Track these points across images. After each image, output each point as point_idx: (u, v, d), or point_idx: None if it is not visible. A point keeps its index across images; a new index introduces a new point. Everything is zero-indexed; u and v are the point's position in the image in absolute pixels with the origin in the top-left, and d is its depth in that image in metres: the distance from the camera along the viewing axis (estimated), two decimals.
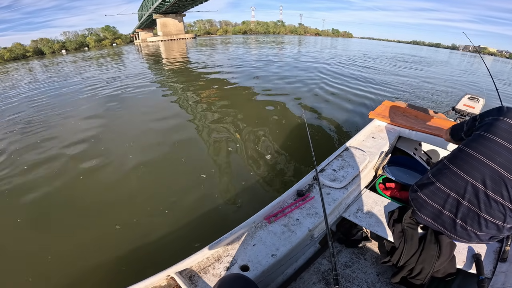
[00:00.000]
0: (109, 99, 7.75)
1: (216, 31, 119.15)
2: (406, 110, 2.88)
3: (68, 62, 26.81)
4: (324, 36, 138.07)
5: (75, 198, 3.08)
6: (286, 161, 3.60)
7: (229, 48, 27.92)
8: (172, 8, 64.14)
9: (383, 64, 16.34)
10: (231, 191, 2.98)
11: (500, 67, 30.96)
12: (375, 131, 2.45)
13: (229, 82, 9.26)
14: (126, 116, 6.08)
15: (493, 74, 3.25)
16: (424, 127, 2.39)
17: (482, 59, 3.67)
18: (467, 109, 3.26)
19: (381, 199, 1.65)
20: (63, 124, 5.92)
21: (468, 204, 1.10)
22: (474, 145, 1.13)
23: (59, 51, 74.28)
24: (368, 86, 8.47)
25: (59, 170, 3.75)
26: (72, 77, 13.27)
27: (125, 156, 4.01)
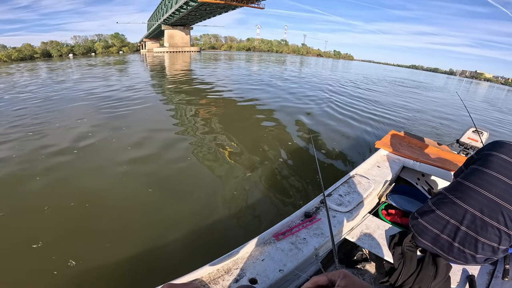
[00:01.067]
0: (106, 109, 7.48)
1: (221, 46, 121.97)
2: (411, 141, 2.97)
3: (73, 66, 27.21)
4: (326, 57, 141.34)
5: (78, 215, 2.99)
6: (293, 184, 3.75)
7: (232, 64, 28.40)
8: (181, 20, 66.19)
9: (385, 89, 16.87)
10: (241, 210, 3.11)
11: (495, 94, 32.20)
12: (380, 160, 2.53)
13: (233, 99, 9.34)
14: (124, 129, 5.83)
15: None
16: (427, 158, 2.48)
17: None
18: (471, 142, 3.29)
19: (383, 224, 1.73)
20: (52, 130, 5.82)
21: (466, 229, 1.19)
22: (472, 178, 1.24)
23: (66, 54, 75.29)
24: (373, 112, 8.73)
25: (49, 179, 3.71)
26: (71, 83, 13.11)
27: (123, 168, 4.01)
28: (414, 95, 15.32)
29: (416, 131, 6.77)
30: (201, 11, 54.84)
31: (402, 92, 16.11)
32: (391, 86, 19.85)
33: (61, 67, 25.09)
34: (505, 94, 36.07)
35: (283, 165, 4.28)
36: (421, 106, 11.28)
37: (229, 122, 6.49)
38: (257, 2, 47.76)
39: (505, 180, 1.14)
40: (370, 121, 7.36)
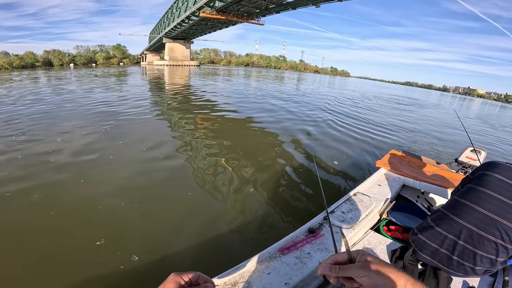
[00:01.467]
0: (103, 122, 7.54)
1: (220, 61, 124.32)
2: (411, 160, 3.07)
3: (70, 76, 27.38)
4: (323, 73, 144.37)
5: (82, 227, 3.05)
6: (297, 201, 3.87)
7: (232, 80, 28.87)
8: (182, 34, 67.85)
9: (383, 107, 17.22)
10: (246, 225, 3.21)
11: (488, 110, 33.00)
12: (381, 179, 2.60)
13: (233, 117, 9.45)
14: (121, 144, 5.88)
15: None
16: (427, 177, 2.58)
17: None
18: (469, 161, 3.36)
19: (385, 240, 1.79)
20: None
21: (464, 243, 1.25)
22: (468, 196, 1.31)
23: (67, 64, 76.32)
24: (372, 130, 8.90)
25: (44, 191, 3.77)
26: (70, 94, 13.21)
27: (124, 184, 4.09)
28: (410, 113, 15.65)
29: (415, 150, 7.01)
30: (202, 26, 56.53)
31: (399, 110, 16.46)
32: (388, 104, 20.25)
33: (59, 77, 25.29)
34: (498, 110, 37.21)
35: (287, 183, 4.41)
36: (419, 125, 11.45)
37: (230, 139, 6.50)
38: (257, 18, 49.37)
39: (499, 197, 1.22)
40: (369, 140, 7.58)
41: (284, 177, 4.64)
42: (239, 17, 47.83)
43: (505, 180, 1.25)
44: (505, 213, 1.18)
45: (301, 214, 3.48)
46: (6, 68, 60.03)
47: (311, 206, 3.71)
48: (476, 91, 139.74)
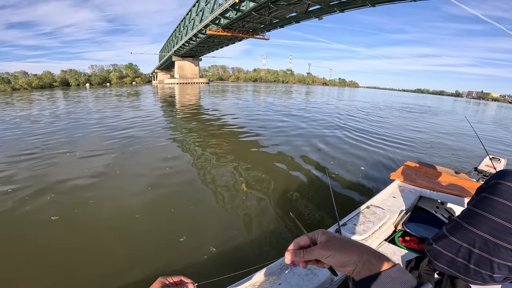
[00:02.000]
0: (118, 142, 7.77)
1: (228, 77, 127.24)
2: (428, 171, 2.99)
3: (89, 96, 28.74)
4: (331, 85, 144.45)
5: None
6: (308, 212, 3.92)
7: (241, 96, 29.21)
8: (191, 52, 70.31)
9: (395, 116, 17.09)
10: (257, 236, 3.28)
11: (504, 114, 32.01)
12: (396, 191, 2.56)
13: (245, 131, 9.65)
14: (136, 160, 6.14)
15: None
16: (445, 187, 2.51)
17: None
18: (489, 169, 3.32)
19: (400, 250, 1.76)
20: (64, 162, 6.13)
21: (479, 251, 1.24)
22: (481, 205, 1.31)
23: (83, 84, 79.86)
24: (385, 141, 8.81)
25: (60, 206, 4.03)
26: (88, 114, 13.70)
27: (138, 198, 4.28)
28: (424, 122, 15.30)
29: (431, 160, 6.82)
30: (209, 43, 58.61)
31: (412, 119, 16.16)
32: (400, 113, 20.25)
33: (79, 99, 26.34)
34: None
35: (298, 195, 4.47)
36: (434, 134, 11.16)
37: (242, 154, 6.81)
38: (262, 33, 50.91)
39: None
40: (382, 151, 7.53)
41: (296, 189, 4.70)
42: (245, 33, 49.36)
43: None
44: None
45: (313, 227, 3.47)
46: (26, 88, 62.99)
47: (324, 218, 3.75)
48: (490, 95, 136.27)
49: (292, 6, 31.74)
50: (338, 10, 29.14)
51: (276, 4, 30.94)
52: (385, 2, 23.67)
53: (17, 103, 23.33)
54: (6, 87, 61.75)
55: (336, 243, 0.56)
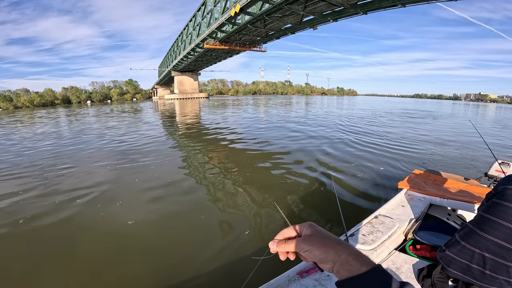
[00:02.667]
0: (121, 158, 7.83)
1: (228, 91, 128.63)
2: (437, 178, 2.95)
3: (91, 113, 29.32)
4: (330, 95, 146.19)
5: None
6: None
7: (241, 110, 29.43)
8: (189, 66, 71.20)
9: (397, 123, 17.09)
10: (263, 249, 3.58)
11: (503, 114, 32.30)
12: (404, 200, 2.52)
13: (248, 143, 9.70)
14: (139, 177, 6.11)
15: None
16: (456, 194, 2.48)
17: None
18: (499, 174, 3.30)
19: (411, 259, 1.73)
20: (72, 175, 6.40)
21: (494, 257, 1.24)
22: (492, 211, 1.32)
23: (85, 101, 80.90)
24: (389, 149, 8.73)
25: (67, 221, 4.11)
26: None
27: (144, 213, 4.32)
28: (427, 127, 15.25)
29: (439, 167, 6.56)
30: (207, 57, 59.58)
31: (414, 125, 16.18)
32: (401, 119, 20.46)
33: (83, 114, 27.22)
34: None
35: (305, 206, 4.47)
36: (438, 139, 11.25)
37: (246, 165, 6.89)
38: (259, 45, 51.79)
39: None
40: (388, 160, 7.44)
41: (302, 200, 4.70)
42: (242, 45, 50.25)
43: None
44: None
45: None
46: (28, 106, 63.61)
47: (331, 229, 3.69)
48: (488, 96, 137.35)
49: (286, 18, 32.43)
50: (331, 20, 29.70)
51: (270, 16, 31.60)
52: (376, 9, 24.12)
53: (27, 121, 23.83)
54: (9, 105, 62.51)
55: (316, 238, 0.54)
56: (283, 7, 27.32)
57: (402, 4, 21.91)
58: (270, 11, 29.34)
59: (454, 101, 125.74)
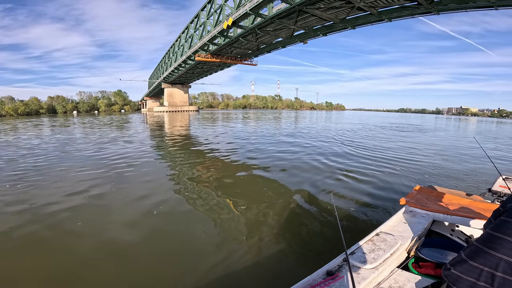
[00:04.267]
0: (107, 171, 7.38)
1: (218, 104, 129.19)
2: (439, 194, 2.93)
3: (79, 125, 27.93)
4: (319, 109, 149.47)
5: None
6: (314, 242, 3.83)
7: (231, 124, 29.16)
8: (180, 79, 71.27)
9: (389, 137, 17.35)
10: (259, 269, 3.16)
11: (485, 127, 33.97)
12: (406, 216, 2.49)
13: (240, 160, 9.29)
14: (125, 191, 5.80)
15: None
16: (459, 210, 2.46)
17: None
18: (503, 190, 3.28)
19: (414, 277, 1.70)
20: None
21: (503, 274, 1.24)
22: (502, 229, 1.33)
23: (71, 111, 79.05)
24: (386, 165, 8.57)
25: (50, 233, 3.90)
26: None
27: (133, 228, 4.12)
28: (419, 141, 15.50)
29: (439, 183, 6.54)
30: (198, 69, 60.00)
31: (406, 138, 16.58)
32: (392, 132, 20.68)
33: (66, 127, 26.26)
34: (495, 126, 38.32)
35: (303, 224, 4.38)
36: (432, 153, 11.22)
37: (240, 184, 6.60)
38: (250, 59, 52.68)
39: None
40: (387, 176, 7.26)
41: (300, 218, 4.59)
42: (233, 59, 50.97)
43: None
44: None
45: (319, 256, 3.38)
46: (11, 115, 61.68)
47: (330, 247, 3.61)
48: (469, 110, 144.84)
49: (278, 32, 33.26)
50: (321, 34, 30.63)
51: (262, 30, 32.35)
52: (364, 23, 25.10)
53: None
54: None
55: None
56: (275, 21, 28.04)
57: (388, 18, 22.88)
58: (262, 25, 30.04)
59: (436, 115, 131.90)
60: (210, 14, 37.81)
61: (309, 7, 23.66)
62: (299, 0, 22.30)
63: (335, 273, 1.62)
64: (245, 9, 27.35)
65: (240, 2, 29.33)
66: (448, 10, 19.74)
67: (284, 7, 24.57)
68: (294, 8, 23.96)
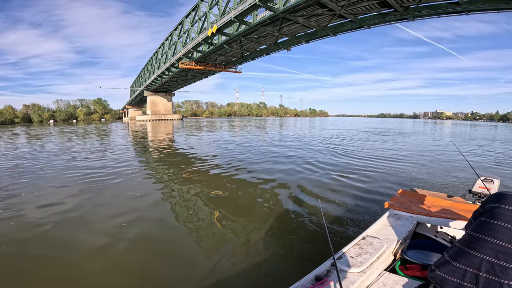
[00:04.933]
0: (85, 182, 7.01)
1: (202, 112, 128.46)
2: (422, 197, 3.02)
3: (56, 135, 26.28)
4: (303, 116, 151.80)
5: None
6: (301, 248, 3.81)
7: (216, 133, 28.59)
8: (163, 86, 70.46)
9: (372, 142, 17.64)
10: (247, 276, 3.13)
11: (460, 130, 35.58)
12: (391, 220, 2.54)
13: (226, 169, 9.04)
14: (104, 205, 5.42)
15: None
16: (442, 212, 2.54)
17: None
18: (483, 191, 3.40)
19: (401, 279, 1.73)
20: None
21: (487, 275, 1.27)
22: (482, 230, 1.37)
23: (47, 120, 75.87)
24: (371, 169, 8.69)
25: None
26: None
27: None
28: (400, 145, 16.02)
29: (422, 186, 6.43)
30: (182, 77, 59.65)
31: (388, 142, 17.01)
32: (376, 136, 21.18)
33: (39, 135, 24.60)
34: (469, 128, 40.32)
35: (290, 230, 4.38)
36: (416, 157, 11.42)
37: (225, 188, 6.59)
38: (235, 66, 53.04)
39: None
40: (371, 180, 7.33)
41: (287, 224, 4.57)
42: (217, 66, 51.19)
43: None
44: None
45: (307, 261, 3.37)
46: None
47: (318, 252, 3.62)
48: (444, 114, 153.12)
49: (262, 39, 33.89)
50: (304, 41, 31.51)
51: (247, 37, 32.85)
52: (345, 30, 26.12)
53: None
54: None
55: None
56: (259, 28, 28.61)
57: (368, 25, 23.93)
58: (247, 32, 30.53)
59: (414, 119, 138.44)
60: (195, 21, 37.99)
61: (292, 15, 24.35)
62: (282, 8, 22.92)
63: (323, 278, 1.64)
64: (230, 17, 27.78)
65: (225, 9, 29.77)
66: (422, 16, 20.96)
67: (268, 15, 25.19)
68: (278, 16, 24.60)
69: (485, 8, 17.84)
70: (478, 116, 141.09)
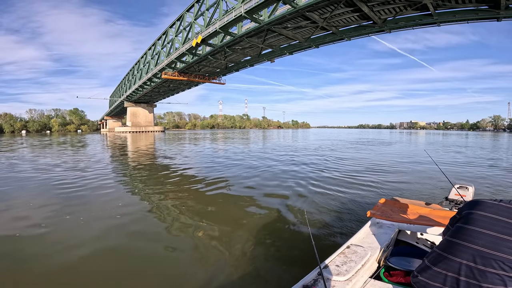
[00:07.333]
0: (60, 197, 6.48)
1: (185, 124, 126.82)
2: (402, 205, 3.15)
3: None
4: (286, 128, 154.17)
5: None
6: (286, 258, 3.81)
7: (199, 145, 27.75)
8: (145, 97, 69.08)
9: (353, 153, 17.97)
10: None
11: (433, 138, 37.30)
12: (374, 228, 2.63)
13: (209, 182, 8.76)
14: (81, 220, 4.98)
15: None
16: (421, 219, 2.66)
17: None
18: (459, 198, 3.56)
19: (386, 286, 1.78)
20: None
21: (466, 279, 1.30)
22: (459, 235, 1.43)
23: (19, 131, 72.14)
24: (354, 179, 8.86)
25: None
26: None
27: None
28: (379, 157, 16.14)
29: (403, 195, 6.94)
30: (165, 88, 58.86)
31: (371, 154, 17.22)
32: (358, 145, 21.90)
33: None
34: (442, 137, 42.62)
35: (276, 241, 4.35)
36: (394, 166, 11.67)
37: (208, 201, 6.49)
38: (218, 77, 53.24)
39: (488, 232, 1.36)
40: (354, 190, 7.40)
41: (274, 235, 4.55)
42: (201, 77, 51.15)
43: (490, 216, 1.41)
44: (497, 246, 1.31)
45: (293, 272, 3.35)
46: None
47: (304, 263, 3.55)
48: (418, 124, 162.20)
49: (246, 50, 34.43)
50: (287, 53, 32.38)
51: (231, 48, 33.28)
52: (327, 42, 27.17)
53: None
54: None
55: None
56: (244, 39, 29.09)
57: (348, 37, 25.01)
58: (231, 43, 30.97)
59: (391, 129, 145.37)
60: (179, 31, 38.09)
61: (277, 27, 25.02)
62: (267, 20, 23.52)
63: (311, 287, 1.67)
64: (215, 27, 28.10)
65: (210, 20, 30.14)
66: (398, 28, 22.25)
67: (253, 26, 25.71)
68: (262, 28, 25.18)
69: (455, 19, 19.24)
70: (449, 125, 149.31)
